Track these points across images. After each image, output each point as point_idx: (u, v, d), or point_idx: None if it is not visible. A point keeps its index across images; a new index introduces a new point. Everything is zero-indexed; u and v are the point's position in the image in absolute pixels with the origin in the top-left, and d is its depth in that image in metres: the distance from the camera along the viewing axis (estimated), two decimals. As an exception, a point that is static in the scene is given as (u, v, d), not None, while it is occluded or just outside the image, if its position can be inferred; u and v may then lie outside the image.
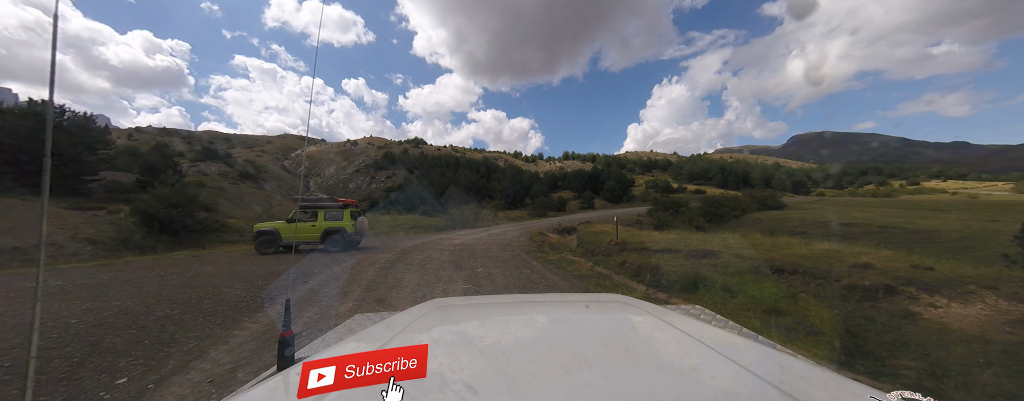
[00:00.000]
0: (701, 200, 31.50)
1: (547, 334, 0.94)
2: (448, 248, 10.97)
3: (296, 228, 9.92)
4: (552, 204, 40.83)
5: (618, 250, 8.06)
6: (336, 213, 10.45)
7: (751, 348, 0.85)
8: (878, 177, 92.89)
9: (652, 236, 10.09)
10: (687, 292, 4.87)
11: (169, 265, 7.78)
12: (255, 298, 4.70)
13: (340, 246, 10.15)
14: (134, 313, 4.01)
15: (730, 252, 6.58)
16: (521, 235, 15.66)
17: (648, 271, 5.97)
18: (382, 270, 7.20)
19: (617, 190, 49.93)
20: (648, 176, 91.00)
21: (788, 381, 0.64)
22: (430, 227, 24.60)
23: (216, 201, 23.85)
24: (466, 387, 0.60)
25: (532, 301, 1.42)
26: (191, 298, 4.66)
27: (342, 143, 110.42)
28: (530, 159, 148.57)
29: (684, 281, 5.14)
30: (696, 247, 7.33)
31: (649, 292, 5.21)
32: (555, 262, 7.94)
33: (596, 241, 9.78)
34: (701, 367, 0.69)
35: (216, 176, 38.22)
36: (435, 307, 1.22)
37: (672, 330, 0.90)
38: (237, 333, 3.58)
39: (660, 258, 6.68)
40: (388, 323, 1.06)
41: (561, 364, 0.70)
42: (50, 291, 4.97)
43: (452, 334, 0.94)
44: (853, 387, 0.63)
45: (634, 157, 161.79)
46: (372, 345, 0.84)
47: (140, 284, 5.61)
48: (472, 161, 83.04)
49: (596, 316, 1.10)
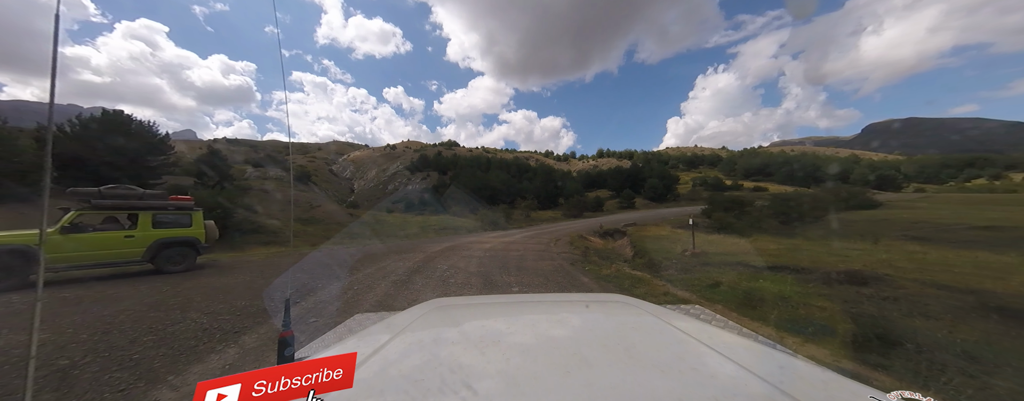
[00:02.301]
0: (768, 198, 27.07)
1: (547, 334, 0.93)
2: (477, 255, 9.52)
3: (82, 242, 5.93)
4: (588, 204, 38.24)
5: (698, 264, 5.99)
6: (177, 217, 7.04)
7: (751, 348, 0.83)
8: (991, 169, 75.91)
9: (738, 244, 7.77)
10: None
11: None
12: (211, 335, 3.51)
13: (184, 265, 6.95)
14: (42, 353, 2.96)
15: (905, 277, 4.26)
16: (558, 239, 13.81)
17: (771, 303, 3.92)
18: (397, 285, 5.88)
19: (660, 188, 45.72)
20: (694, 173, 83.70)
21: (788, 381, 0.63)
22: (460, 228, 23.65)
23: (262, 203, 25.10)
24: (466, 387, 0.59)
25: (532, 301, 1.41)
26: (139, 328, 3.62)
27: (383, 148, 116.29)
28: (562, 158, 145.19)
29: (877, 334, 3.02)
30: (822, 263, 5.05)
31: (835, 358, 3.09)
32: (611, 279, 6.08)
33: (659, 249, 7.72)
34: (701, 367, 0.68)
35: (273, 180, 41.47)
36: (435, 307, 1.21)
37: (672, 330, 0.90)
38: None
39: (778, 282, 4.55)
40: (388, 323, 1.05)
41: (561, 364, 0.69)
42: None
43: (452, 334, 0.93)
44: (853, 387, 0.63)
45: (676, 153, 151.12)
46: (371, 345, 0.83)
47: (110, 302, 4.78)
48: (503, 161, 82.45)
49: (596, 316, 1.09)
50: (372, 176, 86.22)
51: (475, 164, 71.51)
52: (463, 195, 42.90)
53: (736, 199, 24.22)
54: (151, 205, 6.80)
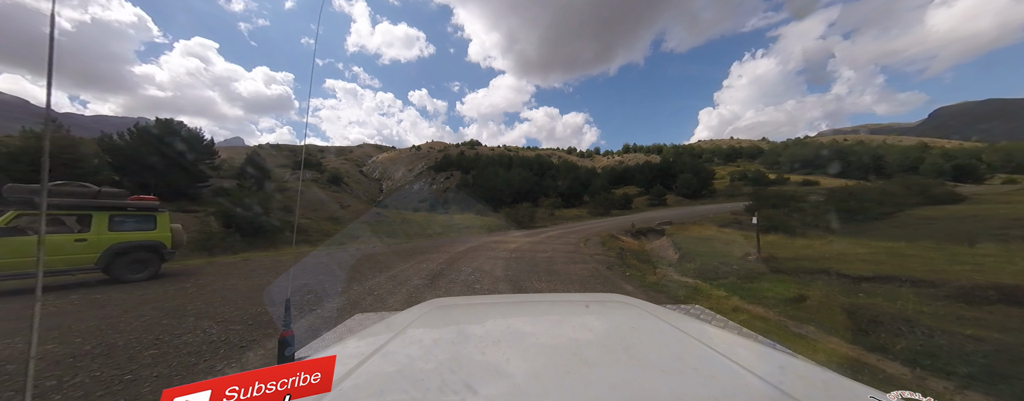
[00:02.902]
0: (823, 193, 24.26)
1: (547, 334, 0.92)
2: (503, 256, 8.95)
3: (20, 247, 5.14)
4: (615, 201, 36.57)
5: (767, 270, 4.99)
6: (139, 219, 6.27)
7: (751, 348, 0.83)
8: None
9: (811, 247, 6.57)
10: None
11: (203, 273, 7.20)
12: (215, 349, 3.17)
13: (147, 273, 6.18)
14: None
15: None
16: (587, 239, 12.94)
17: (891, 328, 2.97)
18: (417, 292, 5.43)
19: (694, 184, 42.87)
20: (732, 166, 78.16)
21: (788, 381, 0.63)
22: (484, 227, 23.30)
23: (295, 203, 26.29)
24: (466, 387, 0.59)
25: (532, 301, 1.40)
26: (144, 339, 3.40)
27: (409, 149, 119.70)
28: (585, 154, 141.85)
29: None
30: (946, 274, 3.92)
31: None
32: (659, 287, 5.23)
33: (710, 252, 6.72)
34: (701, 367, 0.68)
35: (310, 182, 44.06)
36: (435, 307, 1.21)
37: (672, 330, 0.90)
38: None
39: (892, 298, 3.54)
40: (388, 323, 1.05)
41: (561, 364, 0.69)
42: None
43: (452, 334, 0.93)
44: (853, 387, 0.62)
45: (710, 146, 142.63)
46: (371, 345, 0.82)
47: (132, 306, 4.68)
48: (525, 159, 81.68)
49: (596, 316, 1.08)
50: (399, 176, 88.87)
51: (497, 163, 71.38)
52: (486, 194, 42.70)
53: (785, 194, 21.87)
54: (106, 205, 5.96)
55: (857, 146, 61.65)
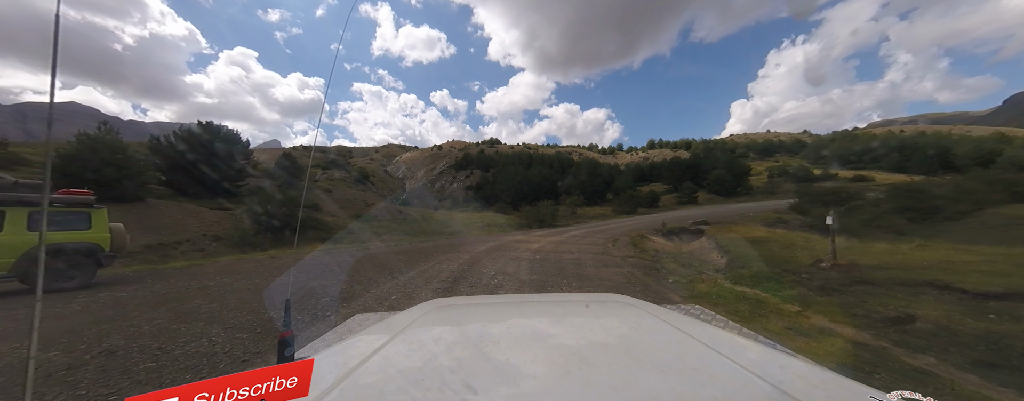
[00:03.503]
0: (884, 190, 21.64)
1: (547, 334, 0.92)
2: (526, 257, 8.42)
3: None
4: (641, 199, 34.94)
5: (849, 281, 4.11)
6: (68, 216, 5.36)
7: (751, 348, 0.83)
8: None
9: (899, 254, 5.50)
10: None
11: (227, 271, 7.23)
12: (215, 362, 2.89)
13: (78, 280, 5.25)
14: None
15: None
16: (615, 239, 12.12)
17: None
18: (438, 293, 5.02)
19: (728, 180, 40.11)
20: (770, 162, 72.84)
21: (788, 381, 0.63)
22: (504, 225, 22.90)
23: (323, 201, 27.18)
24: (466, 387, 0.59)
25: (532, 301, 1.40)
26: (147, 349, 3.21)
27: (430, 148, 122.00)
28: (607, 151, 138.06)
29: None
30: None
31: None
32: (713, 298, 4.47)
33: (767, 256, 5.82)
34: (701, 367, 0.68)
35: (338, 180, 45.97)
36: (435, 307, 1.20)
37: (672, 330, 0.90)
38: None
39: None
40: (388, 323, 1.04)
41: (561, 364, 0.69)
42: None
43: (452, 334, 0.93)
44: (853, 387, 0.62)
45: (743, 140, 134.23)
46: (371, 345, 0.82)
47: (148, 307, 4.59)
48: (545, 157, 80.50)
49: (596, 316, 1.08)
50: (421, 175, 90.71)
51: (516, 160, 70.83)
52: (506, 192, 42.31)
53: (839, 191, 19.67)
54: (24, 200, 4.90)
55: (918, 137, 55.02)
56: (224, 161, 21.20)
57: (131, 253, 10.70)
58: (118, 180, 12.90)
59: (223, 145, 21.39)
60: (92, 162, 12.52)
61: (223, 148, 21.25)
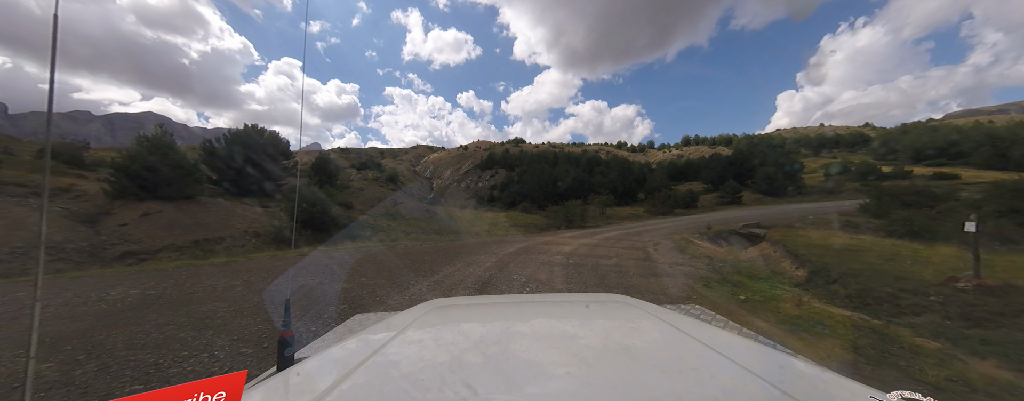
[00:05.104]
0: (983, 189, 18.23)
1: (547, 334, 0.92)
2: (559, 262, 7.68)
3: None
4: (678, 199, 32.60)
5: (1001, 308, 2.98)
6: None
7: (751, 348, 0.83)
8: None
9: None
10: None
11: (257, 270, 7.20)
12: (211, 376, 2.44)
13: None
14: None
15: None
16: (656, 242, 10.99)
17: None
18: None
19: (778, 178, 36.40)
20: (826, 158, 65.67)
21: (788, 381, 0.63)
22: (531, 225, 22.18)
23: (356, 200, 28.15)
24: (466, 387, 0.59)
25: (532, 301, 1.40)
26: (144, 364, 2.97)
27: (457, 149, 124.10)
28: (637, 149, 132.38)
29: None
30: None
31: None
32: (807, 325, 3.47)
33: (869, 271, 4.64)
34: (701, 367, 0.68)
35: (371, 180, 48.14)
36: (435, 307, 1.20)
37: (672, 330, 0.90)
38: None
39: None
40: (388, 323, 1.04)
41: (561, 364, 0.69)
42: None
43: (452, 334, 0.93)
44: (853, 387, 0.62)
45: (792, 134, 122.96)
46: (371, 345, 0.82)
47: (169, 308, 4.44)
48: (571, 155, 78.54)
49: (596, 316, 1.08)
50: (448, 175, 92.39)
51: (542, 159, 69.65)
52: (531, 191, 41.54)
53: (924, 191, 16.83)
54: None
55: (1017, 127, 46.40)
56: (267, 162, 22.49)
57: (179, 248, 11.37)
58: (171, 179, 13.94)
59: (263, 148, 22.72)
60: (149, 162, 13.61)
61: (269, 150, 22.58)
